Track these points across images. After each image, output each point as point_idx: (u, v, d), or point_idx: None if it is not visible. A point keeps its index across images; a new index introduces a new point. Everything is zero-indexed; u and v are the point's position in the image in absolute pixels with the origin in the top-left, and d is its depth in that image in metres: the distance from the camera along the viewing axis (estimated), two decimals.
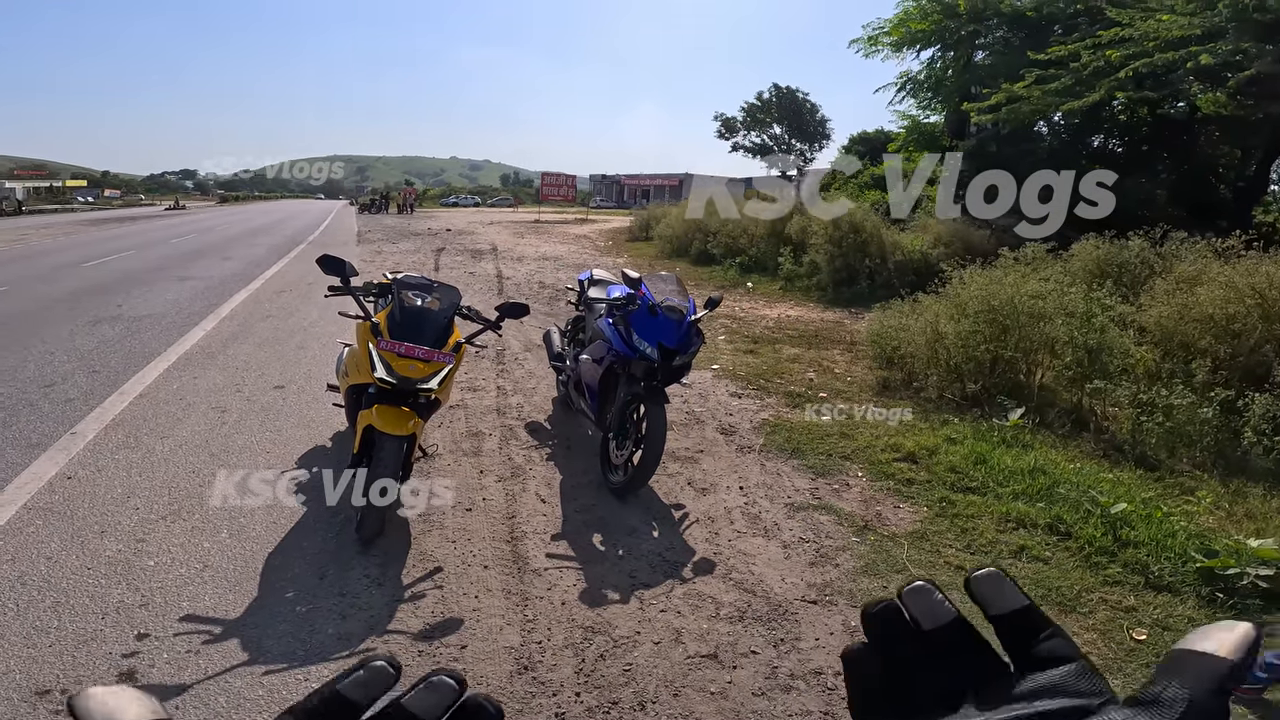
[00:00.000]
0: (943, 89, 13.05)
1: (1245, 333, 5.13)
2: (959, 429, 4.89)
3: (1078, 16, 11.34)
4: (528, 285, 10.95)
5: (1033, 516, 3.72)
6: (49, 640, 2.34)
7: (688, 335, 3.56)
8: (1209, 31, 8.88)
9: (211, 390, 5.15)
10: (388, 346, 2.81)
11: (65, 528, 3.10)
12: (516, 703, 2.14)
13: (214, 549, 2.97)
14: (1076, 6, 11.32)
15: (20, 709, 2.06)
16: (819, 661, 2.46)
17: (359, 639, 2.43)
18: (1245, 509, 4.04)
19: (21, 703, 2.08)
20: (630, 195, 58.32)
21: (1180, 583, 3.16)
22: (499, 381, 5.65)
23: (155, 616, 2.50)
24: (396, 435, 2.80)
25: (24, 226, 24.69)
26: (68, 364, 5.68)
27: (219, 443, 4.18)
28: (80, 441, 4.11)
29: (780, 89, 35.83)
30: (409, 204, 34.48)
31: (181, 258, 13.86)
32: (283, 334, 6.99)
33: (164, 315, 7.74)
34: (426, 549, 3.05)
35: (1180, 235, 6.93)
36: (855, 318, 9.26)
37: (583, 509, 3.55)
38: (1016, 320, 5.51)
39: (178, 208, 47.76)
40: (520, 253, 15.91)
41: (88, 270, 11.67)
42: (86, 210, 42.70)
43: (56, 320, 7.35)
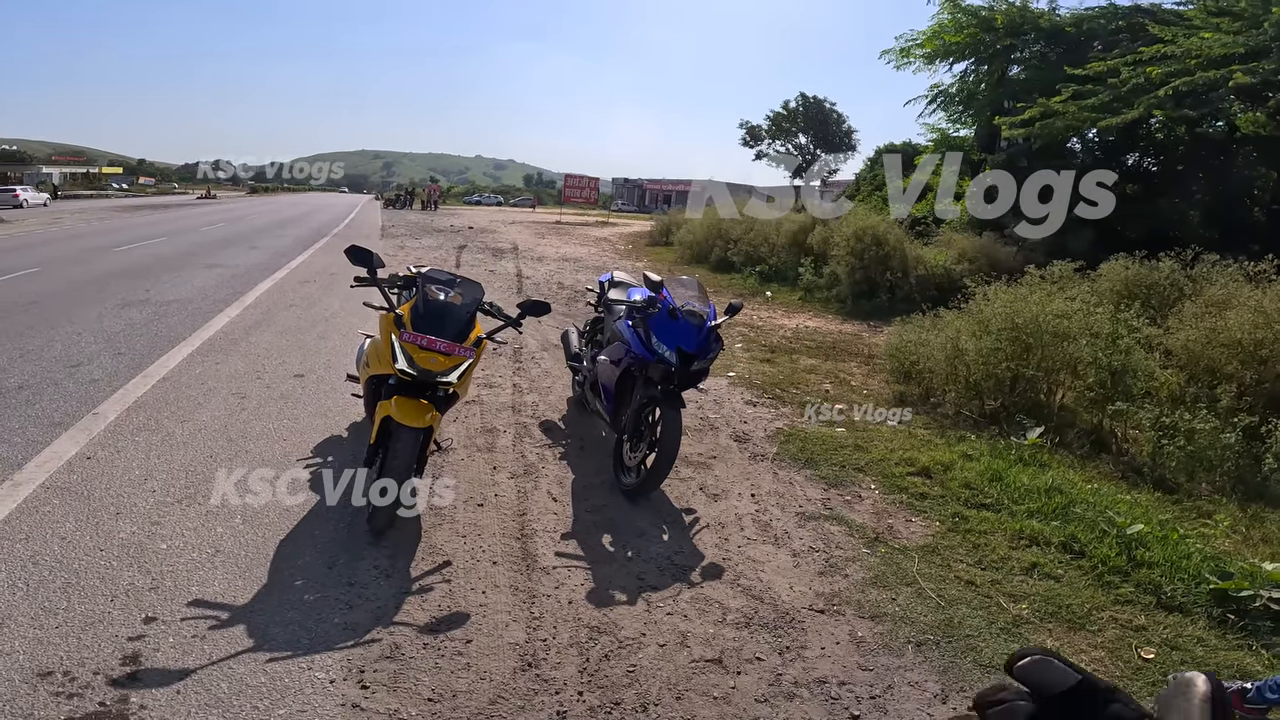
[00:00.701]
0: (974, 103, 12.90)
1: (1273, 359, 5.02)
2: (976, 446, 4.83)
3: (1119, 33, 11.17)
4: (547, 285, 11.00)
5: (1046, 535, 3.67)
6: (56, 621, 2.34)
7: (707, 340, 3.55)
8: (1252, 50, 8.71)
9: (233, 376, 5.23)
10: (410, 338, 2.84)
11: (81, 508, 3.14)
12: (519, 699, 2.14)
13: (227, 534, 3.00)
14: (1118, 23, 11.15)
15: (20, 690, 2.03)
16: (824, 670, 2.43)
17: (365, 629, 2.44)
18: (1262, 533, 3.99)
19: (22, 684, 2.05)
20: (652, 200, 58.41)
21: (1192, 604, 3.13)
22: (515, 379, 5.68)
23: (164, 600, 2.51)
24: (414, 427, 2.82)
25: (59, 210, 25.31)
26: (94, 345, 5.80)
27: (237, 428, 4.24)
28: (101, 422, 4.19)
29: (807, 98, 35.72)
30: (434, 201, 34.83)
31: (210, 246, 14.12)
32: (305, 324, 7.09)
33: (190, 301, 7.89)
34: (436, 542, 3.07)
35: (1212, 258, 6.80)
36: (874, 331, 9.19)
37: (594, 509, 3.55)
38: (1040, 339, 5.43)
39: (209, 197, 48.63)
40: (541, 253, 16.00)
41: (118, 255, 11.93)
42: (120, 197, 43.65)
43: (86, 302, 7.51)
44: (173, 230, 17.89)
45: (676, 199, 48.00)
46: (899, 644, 2.63)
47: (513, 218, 33.46)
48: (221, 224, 21.07)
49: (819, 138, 35.82)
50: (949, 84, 13.50)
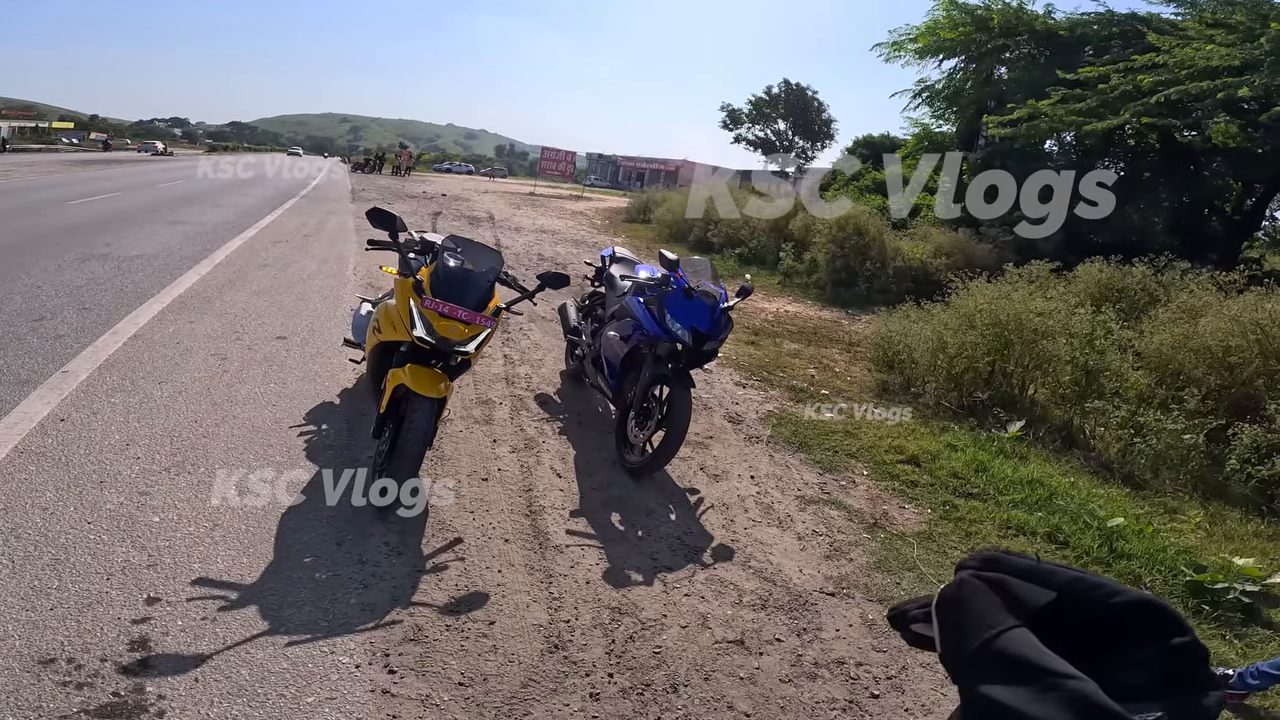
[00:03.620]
0: (960, 100, 13.07)
1: (1240, 366, 5.27)
2: (960, 436, 4.97)
3: (1111, 39, 11.38)
4: (527, 256, 10.82)
5: (1032, 525, 3.82)
6: (50, 603, 2.17)
7: (720, 321, 3.54)
8: (1246, 64, 8.95)
9: (210, 336, 5.00)
10: (431, 305, 2.73)
11: (61, 475, 2.92)
12: (550, 682, 2.12)
13: (223, 507, 2.86)
14: (1112, 29, 11.35)
15: (23, 680, 1.88)
16: (841, 651, 2.48)
17: (383, 610, 2.36)
18: (1224, 530, 4.22)
19: (24, 672, 1.90)
20: (625, 176, 57.85)
21: (1169, 594, 3.32)
22: (505, 350, 5.58)
23: (165, 579, 2.36)
24: (430, 397, 2.73)
25: (8, 164, 23.67)
26: (56, 299, 5.46)
27: (221, 391, 4.05)
28: (73, 381, 3.95)
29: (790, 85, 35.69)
30: (406, 167, 33.88)
31: (171, 202, 13.40)
32: (281, 285, 6.81)
33: (155, 257, 7.48)
34: (444, 519, 3.00)
35: (1184, 265, 7.08)
36: (852, 319, 9.33)
37: (599, 486, 3.53)
38: (1021, 336, 5.59)
39: (165, 154, 46.02)
40: (518, 224, 15.71)
41: (74, 208, 11.21)
42: (71, 151, 41.20)
43: (43, 254, 7.05)
44: (129, 186, 16.89)
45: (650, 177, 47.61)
46: None
47: (485, 187, 32.74)
48: (182, 181, 20.02)
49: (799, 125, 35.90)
50: (936, 80, 13.63)
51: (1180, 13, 10.95)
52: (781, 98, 35.96)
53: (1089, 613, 0.41)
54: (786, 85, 36.04)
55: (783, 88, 35.99)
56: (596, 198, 31.88)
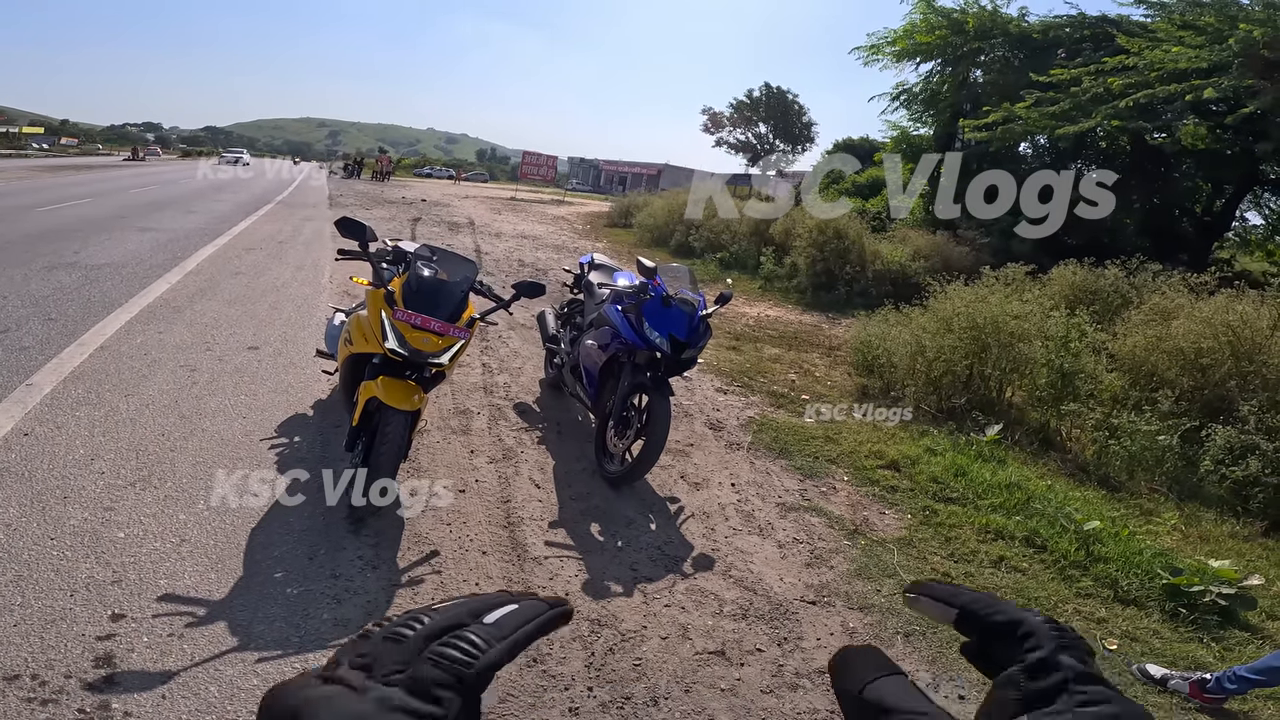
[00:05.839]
0: (937, 103, 13.22)
1: (1213, 367, 5.36)
2: (939, 440, 4.99)
3: (1083, 42, 11.52)
4: (507, 262, 10.74)
5: (1010, 529, 3.83)
6: (13, 619, 2.13)
7: (698, 329, 3.53)
8: (1214, 65, 9.11)
9: (179, 347, 4.89)
10: (403, 317, 2.69)
11: (24, 491, 2.85)
12: (528, 696, 2.08)
13: (191, 521, 2.79)
14: (1084, 32, 11.50)
15: None
16: (822, 661, 2.47)
17: (358, 625, 2.31)
18: (1199, 531, 4.27)
19: None
20: (607, 181, 57.89)
21: (1146, 597, 3.34)
22: (484, 358, 5.52)
23: (130, 595, 2.31)
24: (403, 410, 2.68)
25: None
26: (21, 310, 5.31)
27: (190, 404, 3.96)
28: (36, 394, 3.84)
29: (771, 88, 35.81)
30: (385, 172, 33.50)
31: (142, 208, 13.14)
32: (254, 293, 6.69)
33: (124, 265, 7.32)
34: (421, 531, 2.95)
35: (1155, 267, 7.20)
36: (833, 323, 9.37)
37: (578, 496, 3.49)
38: (998, 339, 5.64)
39: (136, 159, 45.09)
40: (498, 229, 15.60)
41: (42, 215, 10.94)
42: (41, 156, 40.25)
43: (8, 263, 6.87)
44: (100, 191, 16.54)
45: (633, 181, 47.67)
46: (888, 634, 2.70)
47: (466, 192, 32.52)
48: (154, 187, 19.64)
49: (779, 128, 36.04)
50: (914, 83, 13.78)
51: (1150, 15, 11.14)
52: (762, 101, 36.10)
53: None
54: (767, 89, 36.19)
55: (764, 91, 36.14)
56: (578, 202, 31.81)
